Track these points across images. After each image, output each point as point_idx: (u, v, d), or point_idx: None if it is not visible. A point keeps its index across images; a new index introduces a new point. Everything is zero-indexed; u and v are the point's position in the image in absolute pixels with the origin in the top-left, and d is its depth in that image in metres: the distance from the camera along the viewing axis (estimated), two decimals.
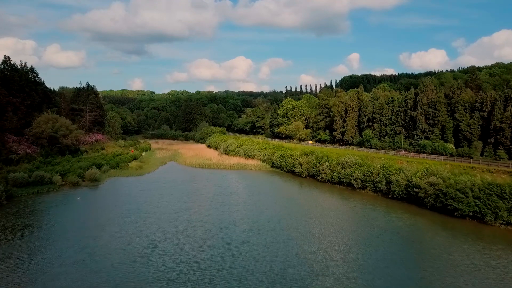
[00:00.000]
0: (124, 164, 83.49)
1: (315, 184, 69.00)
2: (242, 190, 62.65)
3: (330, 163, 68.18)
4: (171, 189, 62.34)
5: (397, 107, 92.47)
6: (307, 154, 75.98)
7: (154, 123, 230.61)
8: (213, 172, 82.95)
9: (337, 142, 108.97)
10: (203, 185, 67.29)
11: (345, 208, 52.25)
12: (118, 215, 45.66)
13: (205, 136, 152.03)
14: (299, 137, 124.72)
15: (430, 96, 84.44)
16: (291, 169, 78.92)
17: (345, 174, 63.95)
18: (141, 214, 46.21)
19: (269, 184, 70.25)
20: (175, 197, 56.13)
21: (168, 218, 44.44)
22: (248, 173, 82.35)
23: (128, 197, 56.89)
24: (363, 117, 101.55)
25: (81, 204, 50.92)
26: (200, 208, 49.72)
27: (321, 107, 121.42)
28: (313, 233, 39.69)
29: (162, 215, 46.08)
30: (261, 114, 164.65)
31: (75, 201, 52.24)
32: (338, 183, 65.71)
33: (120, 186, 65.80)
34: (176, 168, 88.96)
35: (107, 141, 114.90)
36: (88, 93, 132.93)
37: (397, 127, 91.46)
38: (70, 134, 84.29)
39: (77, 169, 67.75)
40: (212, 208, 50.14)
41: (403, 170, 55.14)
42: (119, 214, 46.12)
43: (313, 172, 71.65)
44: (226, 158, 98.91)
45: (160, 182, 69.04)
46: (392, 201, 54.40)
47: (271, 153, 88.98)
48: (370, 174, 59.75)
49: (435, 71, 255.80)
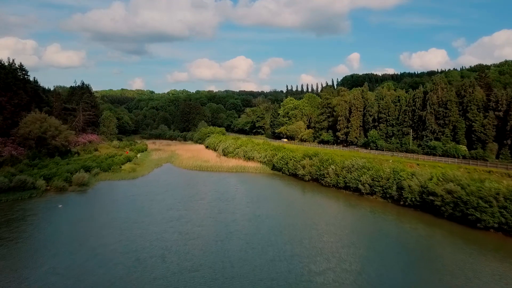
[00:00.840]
0: (116, 167, 78.92)
1: (319, 188, 64.39)
2: (241, 196, 58.08)
3: (335, 166, 63.56)
4: (164, 194, 57.80)
5: (405, 107, 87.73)
6: (310, 156, 71.35)
7: (152, 123, 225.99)
8: (210, 175, 78.40)
9: (341, 143, 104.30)
10: (199, 190, 62.74)
11: (353, 217, 47.65)
12: (102, 226, 41.12)
13: (203, 136, 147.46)
14: (301, 138, 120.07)
15: (441, 95, 79.72)
16: (293, 172, 74.34)
17: (351, 178, 59.32)
18: (128, 224, 41.65)
19: (270, 188, 65.66)
20: (168, 204, 51.56)
21: (157, 230, 39.87)
22: (247, 176, 77.76)
23: (117, 203, 52.36)
24: (368, 117, 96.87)
25: (62, 212, 46.30)
26: (193, 217, 45.14)
27: (324, 107, 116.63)
28: (319, 248, 35.11)
29: (151, 225, 41.52)
30: (261, 114, 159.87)
31: (56, 209, 47.64)
32: (344, 187, 61.10)
33: (109, 191, 61.28)
34: (171, 171, 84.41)
35: (101, 141, 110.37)
36: (82, 92, 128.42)
37: (404, 127, 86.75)
38: (60, 135, 79.73)
39: (64, 172, 63.17)
40: (207, 217, 45.57)
41: (416, 175, 50.49)
42: (104, 224, 41.58)
43: (317, 175, 67.04)
44: (225, 160, 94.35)
45: (153, 187, 64.50)
46: (404, 209, 49.78)
47: (272, 155, 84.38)
48: (379, 179, 55.11)
49: (438, 70, 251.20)
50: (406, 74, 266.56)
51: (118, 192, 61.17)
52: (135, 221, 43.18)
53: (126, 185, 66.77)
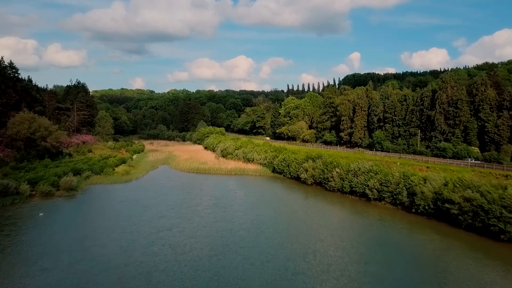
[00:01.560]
0: (109, 169, 75.03)
1: (322, 193, 60.44)
2: (239, 202, 54.17)
3: (340, 169, 59.60)
4: (157, 200, 53.92)
5: (412, 106, 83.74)
6: (313, 158, 67.38)
7: (151, 123, 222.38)
8: (208, 178, 74.49)
9: (344, 144, 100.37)
10: (194, 195, 58.83)
11: (361, 226, 43.69)
12: (84, 236, 37.23)
13: (202, 137, 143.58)
14: (302, 138, 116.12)
15: (450, 94, 75.71)
16: (294, 175, 70.42)
17: (358, 182, 55.35)
18: (113, 235, 37.79)
19: (270, 193, 61.71)
20: (159, 211, 47.67)
21: (145, 242, 35.99)
22: (247, 180, 73.84)
23: (105, 210, 48.49)
24: (373, 116, 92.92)
25: (42, 221, 42.38)
26: (186, 227, 41.23)
27: (326, 106, 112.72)
28: (325, 264, 31.17)
29: (139, 236, 37.64)
30: (262, 114, 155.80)
31: (37, 217, 43.74)
32: (349, 192, 57.13)
33: (99, 196, 57.39)
34: (167, 174, 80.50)
35: (96, 142, 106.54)
36: (77, 91, 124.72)
37: (412, 128, 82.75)
38: (50, 136, 75.86)
39: (51, 176, 59.30)
40: (202, 226, 41.65)
41: (429, 180, 46.51)
42: (87, 235, 37.69)
43: (320, 179, 63.09)
44: (224, 161, 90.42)
45: (146, 191, 60.63)
46: (416, 217, 45.79)
47: (272, 156, 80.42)
48: (388, 184, 51.14)
49: (441, 69, 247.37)
50: (408, 73, 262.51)
51: (108, 197, 57.30)
52: (122, 230, 39.31)
53: (118, 189, 62.91)
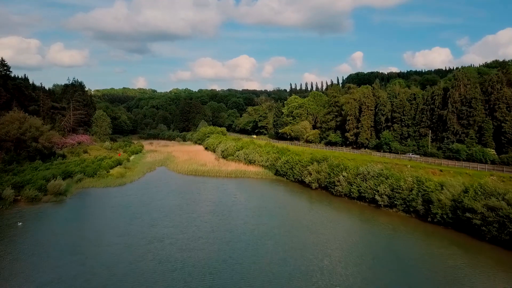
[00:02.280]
0: (103, 172, 71.27)
1: (328, 198, 56.43)
2: (239, 208, 50.23)
3: (347, 173, 55.55)
4: (151, 206, 50.11)
5: (422, 105, 79.49)
6: (318, 161, 63.36)
7: (152, 123, 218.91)
8: (207, 181, 70.62)
9: (350, 145, 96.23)
10: (191, 200, 54.94)
11: (372, 236, 39.65)
12: (63, 251, 33.38)
13: (203, 137, 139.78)
14: (306, 139, 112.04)
15: (463, 92, 71.42)
16: (299, 178, 66.45)
17: (367, 188, 51.29)
18: (96, 248, 33.96)
19: (273, 198, 57.71)
20: (152, 219, 43.84)
21: (133, 256, 32.13)
22: (248, 183, 69.91)
23: (93, 218, 44.70)
24: (380, 116, 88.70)
25: (20, 232, 38.54)
26: (180, 238, 37.34)
27: (331, 105, 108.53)
28: (334, 284, 27.19)
29: (126, 249, 33.80)
30: (264, 113, 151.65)
31: (15, 227, 39.95)
32: (358, 198, 53.09)
33: (89, 202, 53.65)
34: (164, 176, 76.68)
35: (92, 143, 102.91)
36: (74, 90, 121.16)
37: (422, 128, 78.47)
38: (41, 136, 72.22)
39: (39, 179, 55.57)
40: (197, 237, 37.75)
41: (446, 187, 42.41)
42: (66, 249, 33.84)
43: (326, 183, 59.09)
44: (224, 163, 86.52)
45: (140, 195, 56.86)
46: (432, 227, 41.71)
47: (275, 158, 76.45)
48: (400, 190, 47.05)
49: (446, 68, 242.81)
50: (413, 72, 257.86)
51: (98, 202, 53.55)
52: (107, 243, 35.48)
53: (110, 193, 59.15)
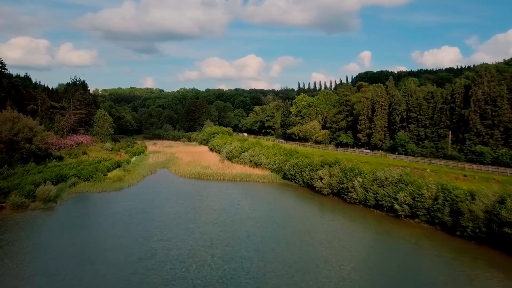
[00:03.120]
0: (100, 175, 67.10)
1: (341, 206, 51.48)
2: (242, 217, 45.55)
3: (362, 178, 50.55)
4: (146, 214, 45.70)
5: (441, 104, 74.04)
6: (329, 164, 58.43)
7: (157, 122, 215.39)
8: (209, 185, 66.07)
9: (362, 146, 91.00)
10: (191, 207, 50.38)
11: (393, 252, 34.68)
12: (39, 268, 29.01)
13: (208, 137, 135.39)
14: (315, 139, 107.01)
15: (487, 90, 65.92)
16: (308, 182, 61.63)
17: (385, 195, 46.28)
18: (77, 267, 29.51)
19: (280, 206, 52.83)
20: (145, 230, 39.40)
21: (116, 277, 27.66)
22: (253, 187, 65.19)
23: (80, 229, 40.33)
24: (394, 116, 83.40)
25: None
26: (173, 255, 32.76)
27: (342, 104, 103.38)
28: None
29: (110, 269, 29.33)
30: (271, 113, 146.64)
31: None
32: (374, 206, 48.08)
33: (80, 209, 49.37)
34: (165, 180, 72.32)
35: (92, 143, 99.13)
36: (75, 89, 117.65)
37: (441, 128, 73.01)
38: (35, 137, 68.35)
39: (28, 184, 51.50)
40: (194, 253, 33.13)
41: (478, 196, 37.27)
42: (41, 266, 29.44)
43: (339, 189, 54.15)
44: (229, 165, 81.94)
45: (136, 202, 52.51)
46: (461, 242, 36.62)
47: (282, 161, 71.62)
48: (422, 199, 41.98)
49: (458, 67, 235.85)
50: (424, 71, 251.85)
51: (90, 210, 49.30)
52: (90, 260, 31.03)
53: (105, 199, 54.92)
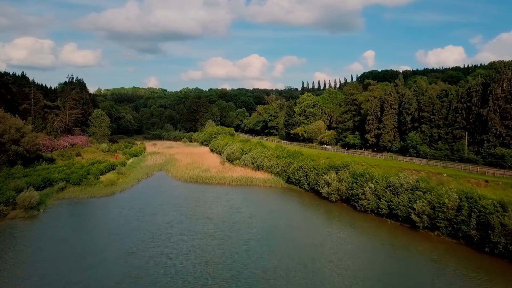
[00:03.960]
0: (91, 178, 62.97)
1: (351, 215, 46.89)
2: (242, 228, 41.09)
3: (374, 184, 45.95)
4: (135, 224, 41.40)
5: (456, 103, 69.18)
6: (337, 168, 53.85)
7: (159, 122, 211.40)
8: (208, 190, 61.69)
9: (370, 148, 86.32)
10: (186, 216, 45.98)
11: (412, 270, 30.08)
12: None
13: (209, 137, 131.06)
14: (320, 140, 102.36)
15: (507, 88, 61.07)
16: (314, 187, 57.11)
17: (400, 204, 41.68)
18: None
19: (283, 214, 48.24)
20: (131, 243, 35.06)
21: None
22: (254, 193, 60.73)
23: (58, 243, 35.95)
24: (405, 115, 78.58)
25: None
26: (160, 275, 28.34)
27: (348, 104, 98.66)
28: None
29: None
30: (275, 113, 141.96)
31: None
32: (388, 215, 43.48)
33: (63, 218, 45.03)
34: (161, 183, 68.02)
35: (88, 144, 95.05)
36: (72, 88, 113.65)
37: (456, 129, 68.15)
38: (23, 139, 64.27)
39: (8, 190, 47.38)
40: (183, 274, 28.72)
41: (510, 207, 32.57)
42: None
43: (348, 195, 49.58)
44: (229, 168, 77.51)
45: (126, 209, 48.26)
46: (491, 260, 32.00)
47: (286, 163, 67.11)
48: (443, 208, 37.34)
49: (466, 66, 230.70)
50: (430, 70, 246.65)
51: (74, 218, 44.98)
52: (64, 283, 26.72)
53: (93, 206, 50.72)
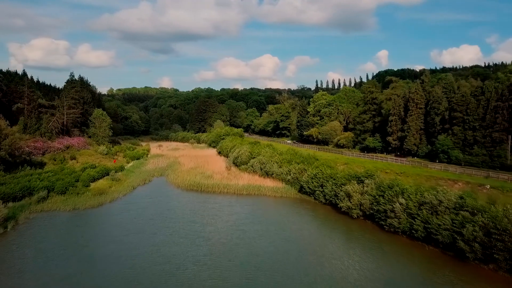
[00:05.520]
0: (79, 186, 56.12)
1: (377, 235, 38.59)
2: (243, 255, 33.22)
3: (406, 199, 37.60)
4: (114, 246, 34.04)
5: (495, 102, 60.09)
6: (360, 178, 45.55)
7: (167, 123, 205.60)
8: (208, 200, 54.11)
9: (393, 152, 77.55)
10: (177, 235, 38.33)
11: None
12: None
13: (217, 139, 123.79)
14: (336, 143, 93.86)
15: None
16: (331, 199, 48.95)
17: (440, 226, 33.26)
18: None
19: (294, 235, 40.01)
20: (101, 279, 27.61)
21: None
22: (262, 205, 52.79)
23: (14, 276, 28.78)
24: (433, 116, 69.74)
25: None
26: None
27: (367, 103, 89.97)
28: None
29: None
30: (287, 112, 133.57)
31: None
32: (424, 239, 35.10)
33: (32, 238, 37.84)
34: (158, 192, 60.71)
35: (86, 146, 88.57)
36: (72, 86, 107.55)
37: (496, 132, 59.06)
38: (4, 141, 57.79)
39: None
40: None
41: None
42: None
43: (373, 211, 41.31)
44: (235, 174, 69.76)
45: (110, 225, 41.10)
46: None
47: (299, 170, 59.05)
48: (505, 237, 28.85)
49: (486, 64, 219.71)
50: (447, 69, 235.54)
51: (46, 238, 37.63)
52: None
53: (73, 221, 43.54)
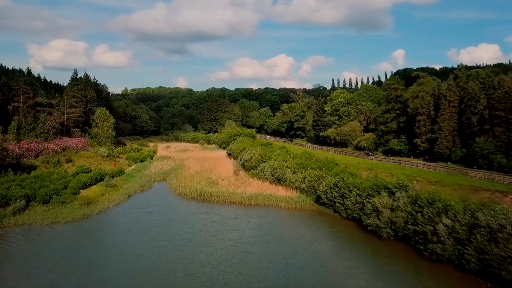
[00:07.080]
0: (67, 194, 49.87)
1: (415, 263, 30.73)
2: None
3: (452, 219, 29.62)
4: (90, 274, 27.25)
5: None
6: (390, 189, 37.64)
7: (178, 122, 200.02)
8: (211, 212, 47.00)
9: (421, 156, 69.02)
10: (166, 259, 31.32)
11: None
12: None
13: (228, 140, 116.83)
14: (356, 145, 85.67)
15: None
16: (355, 215, 41.15)
17: (502, 258, 25.25)
18: None
19: (311, 260, 32.38)
20: None
21: None
22: (272, 218, 45.25)
23: None
24: (470, 115, 61.18)
25: None
26: None
27: (391, 101, 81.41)
28: None
29: None
30: (302, 112, 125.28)
31: None
32: (478, 273, 27.10)
33: None
34: (156, 201, 53.82)
35: (86, 148, 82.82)
36: (74, 83, 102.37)
37: None
38: None
39: None
40: None
41: None
42: None
43: (407, 232, 33.42)
44: (244, 180, 62.41)
45: (92, 244, 34.42)
46: None
47: (316, 177, 51.32)
48: None
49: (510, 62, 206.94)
50: (469, 68, 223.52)
51: (7, 262, 31.24)
52: None
53: (48, 238, 36.98)
